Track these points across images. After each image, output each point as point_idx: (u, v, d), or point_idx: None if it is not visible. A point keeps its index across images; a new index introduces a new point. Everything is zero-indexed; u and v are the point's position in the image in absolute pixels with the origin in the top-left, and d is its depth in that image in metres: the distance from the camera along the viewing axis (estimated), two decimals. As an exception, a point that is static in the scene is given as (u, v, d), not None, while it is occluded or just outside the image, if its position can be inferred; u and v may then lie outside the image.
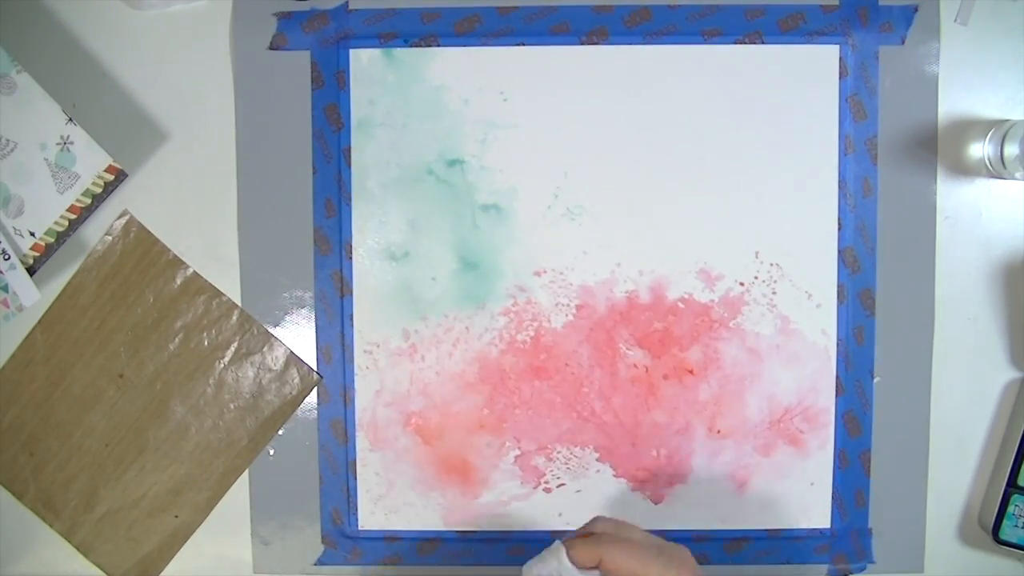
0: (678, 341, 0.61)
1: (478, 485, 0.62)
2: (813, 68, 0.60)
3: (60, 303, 0.61)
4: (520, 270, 0.61)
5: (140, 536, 0.62)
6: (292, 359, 0.62)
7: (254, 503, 0.62)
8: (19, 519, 0.63)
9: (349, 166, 0.61)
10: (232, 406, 0.62)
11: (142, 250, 0.61)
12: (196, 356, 0.62)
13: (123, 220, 0.61)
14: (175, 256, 0.61)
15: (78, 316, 0.61)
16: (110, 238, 0.61)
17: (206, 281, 0.61)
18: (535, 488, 0.62)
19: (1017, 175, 0.57)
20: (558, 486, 0.62)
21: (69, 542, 0.63)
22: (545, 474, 0.62)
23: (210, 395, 0.62)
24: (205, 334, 0.62)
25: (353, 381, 0.61)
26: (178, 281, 0.61)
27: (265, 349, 0.62)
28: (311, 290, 0.61)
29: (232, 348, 0.62)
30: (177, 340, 0.62)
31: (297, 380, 0.62)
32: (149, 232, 0.61)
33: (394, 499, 0.62)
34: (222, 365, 0.62)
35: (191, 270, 0.61)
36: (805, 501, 0.62)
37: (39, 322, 0.62)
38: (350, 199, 0.61)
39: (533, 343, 0.61)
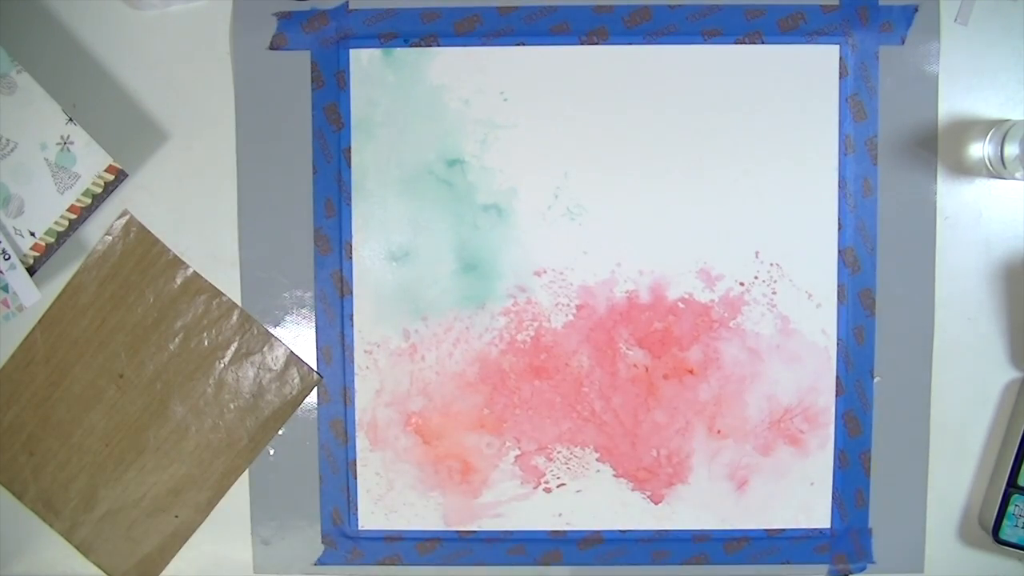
0: (678, 341, 0.61)
1: (478, 485, 0.62)
2: (813, 68, 0.60)
3: (60, 303, 0.61)
4: (520, 270, 0.61)
5: (140, 536, 0.62)
6: (292, 359, 0.62)
7: (254, 503, 0.62)
8: (19, 519, 0.63)
9: (349, 166, 0.61)
10: (232, 406, 0.62)
11: (142, 250, 0.61)
12: (196, 356, 0.62)
13: (123, 220, 0.61)
14: (175, 256, 0.61)
15: (78, 316, 0.61)
16: (110, 238, 0.61)
17: (206, 281, 0.61)
18: (535, 488, 0.62)
19: (1017, 175, 0.57)
20: (558, 486, 0.62)
21: (69, 542, 0.63)
22: (545, 474, 0.62)
23: (210, 395, 0.62)
24: (205, 334, 0.62)
25: (353, 381, 0.62)
26: (178, 281, 0.61)
27: (265, 349, 0.62)
28: (311, 290, 0.61)
29: (232, 348, 0.62)
30: (177, 340, 0.62)
31: (297, 380, 0.62)
32: (149, 232, 0.61)
33: (394, 499, 0.62)
34: (222, 365, 0.62)
35: (191, 270, 0.61)
36: (805, 501, 0.62)
37: (39, 322, 0.62)
38: (350, 199, 0.61)
39: (533, 343, 0.61)
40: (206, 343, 0.62)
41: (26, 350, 0.62)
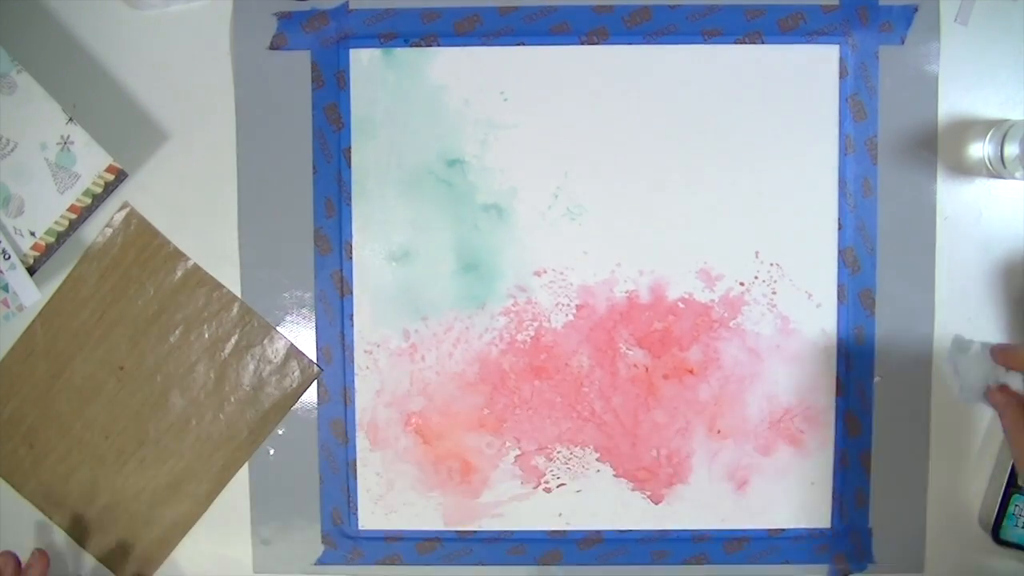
0: (678, 341, 0.61)
1: (478, 485, 0.62)
2: (813, 68, 0.60)
3: (60, 295, 0.62)
4: (520, 270, 0.61)
5: (140, 528, 0.63)
6: (292, 351, 0.62)
7: (254, 503, 0.62)
8: (20, 518, 0.63)
9: (349, 166, 0.61)
10: (232, 398, 0.62)
11: (143, 242, 0.61)
12: (196, 348, 0.62)
13: (123, 212, 0.61)
14: (176, 248, 0.61)
15: (78, 308, 0.62)
16: (111, 230, 0.61)
17: (207, 273, 0.61)
18: (535, 488, 0.62)
19: (1017, 175, 0.57)
20: (558, 486, 0.62)
21: (69, 534, 0.63)
22: (545, 474, 0.62)
23: (210, 387, 0.62)
24: (205, 326, 0.62)
25: (353, 381, 0.62)
26: (179, 273, 0.62)
27: (265, 341, 0.62)
28: (311, 290, 0.61)
29: (232, 340, 0.62)
30: (177, 332, 0.62)
31: (297, 372, 0.62)
32: (150, 224, 0.61)
33: (394, 499, 0.62)
34: (222, 357, 0.62)
35: (191, 262, 0.61)
36: (805, 501, 0.62)
37: (39, 314, 0.62)
38: (350, 199, 0.61)
39: (533, 343, 0.61)
40: (206, 335, 0.62)
41: (26, 342, 0.62)
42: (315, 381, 0.62)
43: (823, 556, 0.62)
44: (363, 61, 0.60)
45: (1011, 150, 0.56)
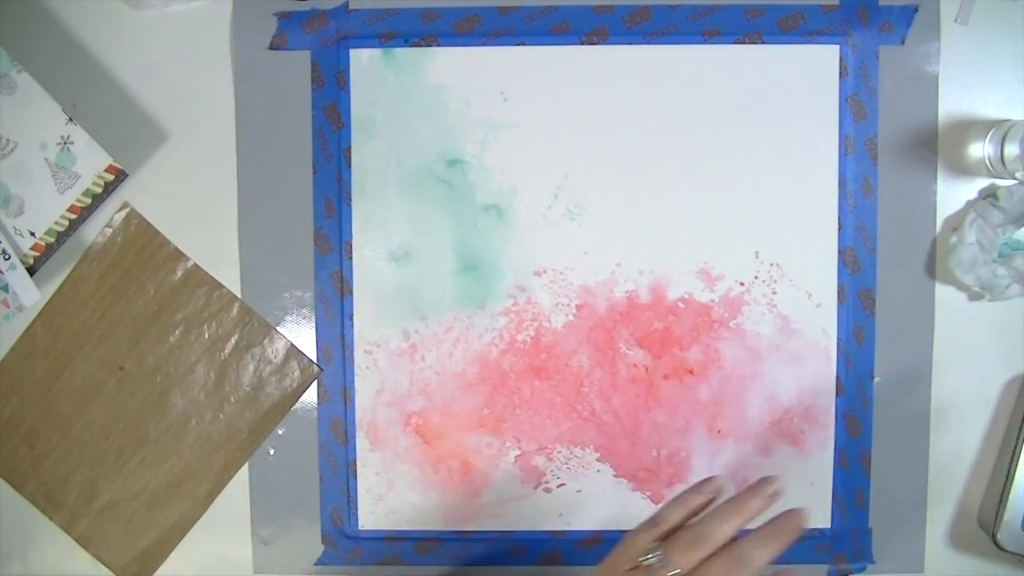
0: (678, 341, 0.61)
1: (478, 485, 0.62)
2: (813, 68, 0.60)
3: (60, 295, 0.62)
4: (520, 270, 0.61)
5: (140, 529, 0.63)
6: (292, 351, 0.62)
7: (254, 503, 0.62)
8: (20, 519, 0.63)
9: (349, 166, 0.61)
10: (232, 399, 0.62)
11: (143, 242, 0.61)
12: (196, 348, 0.62)
13: (123, 212, 0.61)
14: (176, 248, 0.61)
15: (78, 308, 0.62)
16: (111, 230, 0.61)
17: (207, 273, 0.61)
18: (535, 488, 0.62)
19: (1017, 175, 0.57)
20: (558, 486, 0.62)
21: (69, 535, 0.63)
22: (545, 474, 0.62)
23: (210, 387, 0.62)
24: (205, 326, 0.62)
25: (353, 381, 0.62)
26: (179, 273, 0.62)
27: (265, 341, 0.62)
28: (311, 290, 0.61)
29: (232, 340, 0.62)
30: (177, 332, 0.62)
31: (297, 372, 0.62)
32: (150, 224, 0.61)
33: (394, 499, 0.62)
34: (222, 357, 0.62)
35: (191, 262, 0.61)
36: (805, 501, 0.62)
37: (39, 314, 0.62)
38: (350, 199, 0.61)
39: (533, 343, 0.61)
40: (206, 335, 0.62)
41: (26, 342, 0.62)
42: (315, 381, 0.62)
43: (823, 556, 0.62)
44: (363, 61, 0.60)
45: (1011, 150, 0.56)
